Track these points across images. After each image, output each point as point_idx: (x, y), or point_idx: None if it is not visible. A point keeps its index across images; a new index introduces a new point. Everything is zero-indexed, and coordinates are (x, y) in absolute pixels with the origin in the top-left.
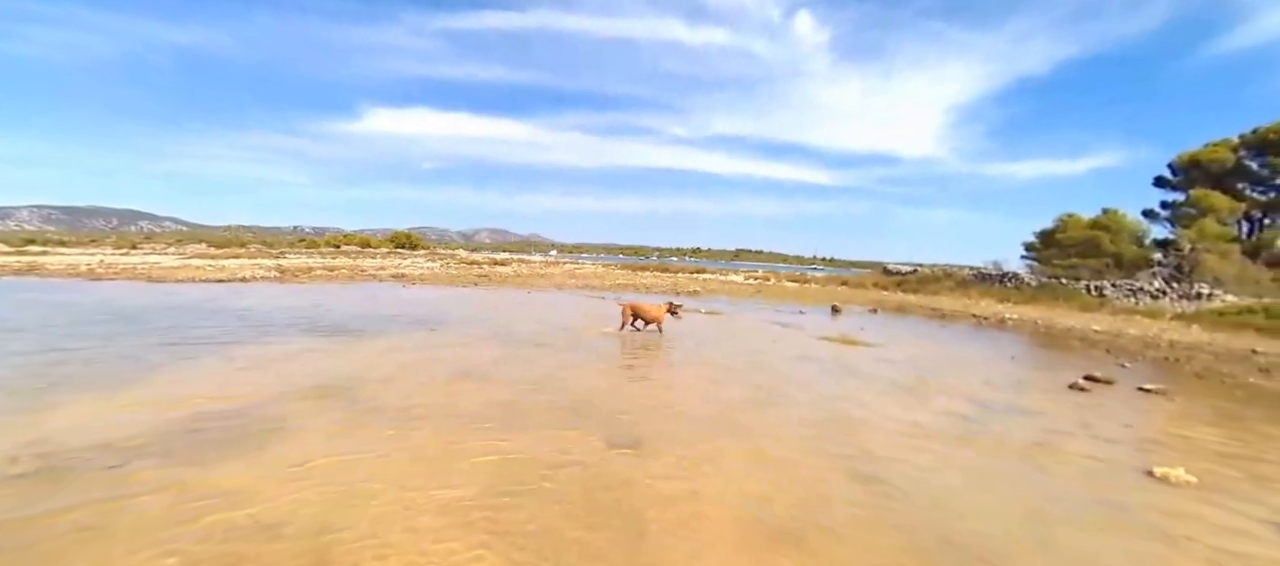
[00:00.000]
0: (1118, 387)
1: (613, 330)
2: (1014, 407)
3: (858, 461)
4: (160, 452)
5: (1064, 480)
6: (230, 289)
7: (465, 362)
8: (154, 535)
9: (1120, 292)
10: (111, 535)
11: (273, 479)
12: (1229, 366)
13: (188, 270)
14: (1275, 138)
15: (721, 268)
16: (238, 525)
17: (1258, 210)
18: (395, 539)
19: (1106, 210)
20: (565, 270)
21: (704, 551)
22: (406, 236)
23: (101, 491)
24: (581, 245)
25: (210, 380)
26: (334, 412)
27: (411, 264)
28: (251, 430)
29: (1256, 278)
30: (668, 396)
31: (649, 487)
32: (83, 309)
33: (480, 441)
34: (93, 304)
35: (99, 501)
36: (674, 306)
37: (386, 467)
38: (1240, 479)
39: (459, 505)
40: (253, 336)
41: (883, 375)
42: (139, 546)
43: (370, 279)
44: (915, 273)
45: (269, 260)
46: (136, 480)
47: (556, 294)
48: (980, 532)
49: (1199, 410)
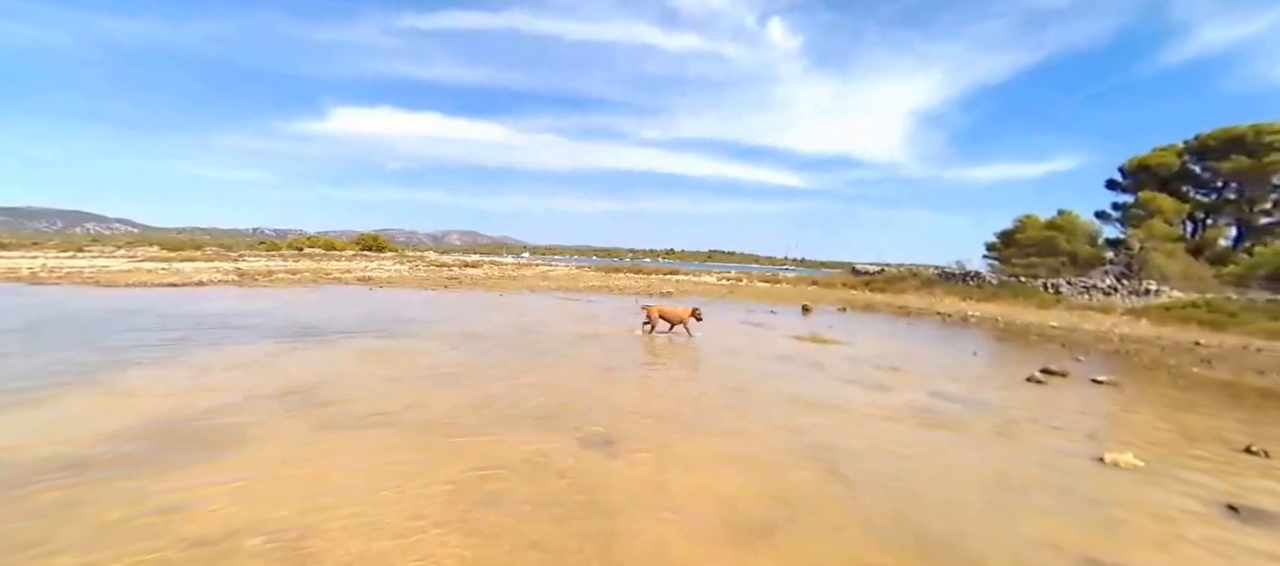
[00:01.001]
0: (1072, 380)
1: (639, 331)
2: (975, 400)
3: (826, 454)
4: (112, 463)
5: (1020, 468)
6: (186, 293)
7: (435, 366)
8: (106, 547)
9: (1075, 290)
10: (60, 550)
11: (232, 488)
12: (1175, 358)
13: (139, 274)
14: (1215, 144)
15: (695, 269)
16: (196, 535)
17: (1201, 211)
18: (363, 543)
19: (1062, 211)
20: (538, 272)
21: (676, 549)
22: (373, 238)
23: (49, 502)
24: (554, 247)
25: (165, 387)
26: (297, 419)
27: (378, 266)
28: (209, 438)
29: (1200, 275)
30: (641, 396)
31: (622, 487)
32: (23, 314)
33: (450, 444)
34: (35, 309)
35: (48, 513)
36: (697, 311)
37: (354, 473)
38: (1184, 462)
39: (429, 508)
40: (210, 342)
41: (851, 371)
42: (90, 559)
43: (335, 282)
44: (882, 272)
45: (227, 263)
46: (88, 491)
47: (529, 296)
48: (940, 518)
49: (1147, 399)
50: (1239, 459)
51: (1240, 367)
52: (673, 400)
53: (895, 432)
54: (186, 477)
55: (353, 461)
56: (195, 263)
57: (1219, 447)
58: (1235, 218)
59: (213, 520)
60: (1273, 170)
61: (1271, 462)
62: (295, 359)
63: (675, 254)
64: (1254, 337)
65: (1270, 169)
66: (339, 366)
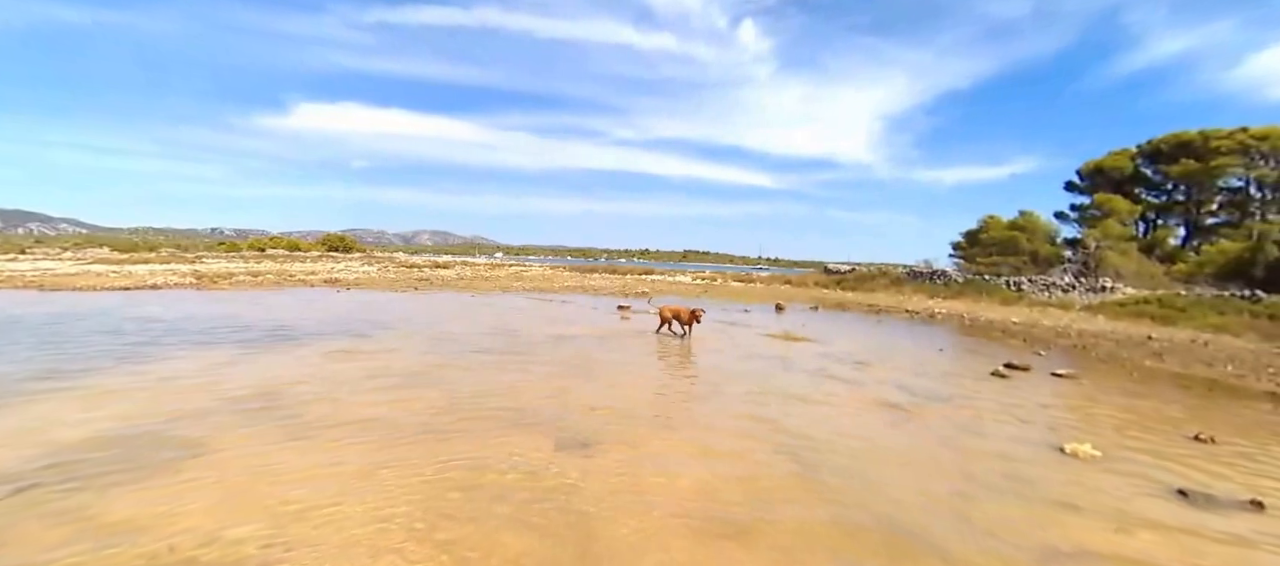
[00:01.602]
0: (1033, 373)
1: (651, 330)
2: (941, 394)
3: (798, 450)
4: (59, 479)
5: (984, 458)
6: (139, 297)
7: (405, 369)
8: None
9: (1036, 287)
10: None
11: (189, 502)
12: (1129, 352)
13: (88, 277)
14: (1166, 148)
15: (670, 269)
16: (148, 553)
17: (1152, 212)
18: (330, 555)
19: (1024, 212)
20: (511, 272)
21: (652, 547)
22: (340, 239)
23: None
24: (528, 247)
25: (116, 396)
26: (259, 427)
27: (345, 268)
28: (164, 451)
29: (1152, 272)
30: (616, 396)
31: (598, 487)
32: None
33: (422, 450)
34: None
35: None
36: (698, 313)
37: (319, 482)
38: (1138, 451)
39: (400, 516)
40: (166, 348)
41: (823, 368)
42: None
43: (300, 284)
44: (853, 271)
45: (184, 265)
46: (31, 511)
47: (503, 297)
48: (907, 508)
49: (1104, 392)
50: (1188, 446)
51: (1189, 360)
52: (647, 399)
53: (865, 427)
54: (138, 494)
55: (319, 470)
56: (149, 265)
57: (1170, 436)
58: (1184, 218)
59: (165, 539)
60: (1218, 173)
61: (1218, 449)
62: (258, 364)
63: (650, 254)
64: (1202, 331)
65: (1216, 172)
66: (304, 371)
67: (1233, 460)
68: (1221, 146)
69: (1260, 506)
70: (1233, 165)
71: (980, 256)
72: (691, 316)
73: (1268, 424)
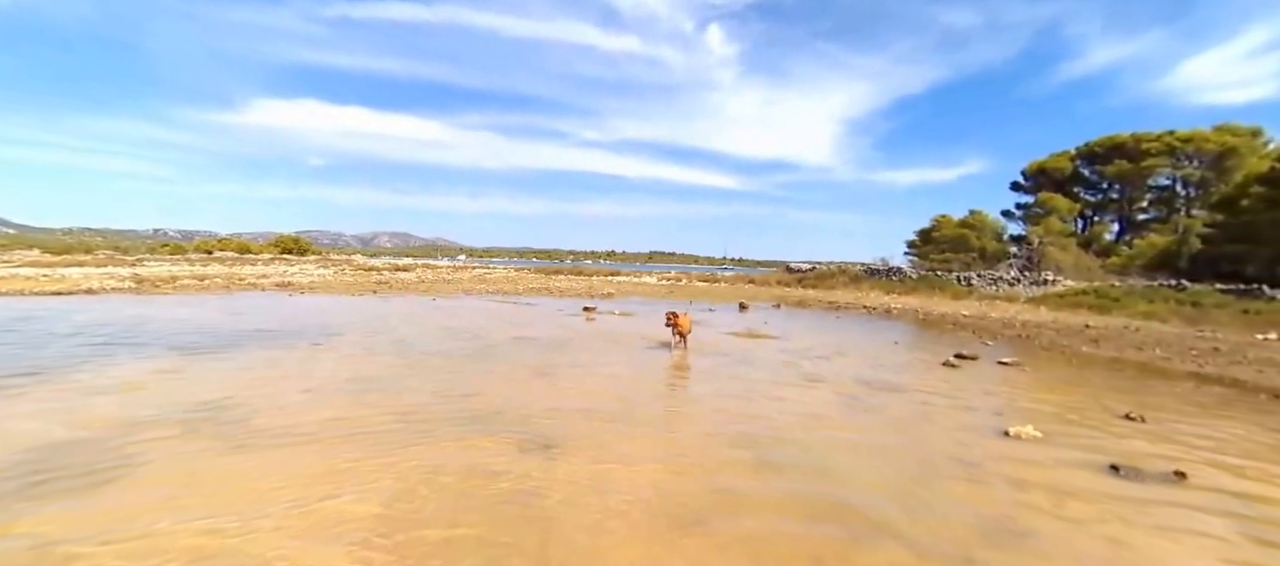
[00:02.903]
0: (981, 363)
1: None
2: (896, 384)
3: (759, 444)
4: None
5: (935, 444)
6: (73, 302)
7: (362, 375)
8: None
9: (984, 282)
10: None
11: (127, 521)
12: (1068, 339)
13: (16, 281)
14: (1101, 150)
15: (635, 270)
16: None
17: (1090, 209)
18: (283, 559)
19: (973, 211)
20: (474, 275)
21: (613, 545)
22: (294, 240)
23: None
24: (492, 249)
25: (46, 410)
26: (204, 439)
27: (300, 271)
28: (100, 467)
29: (1089, 265)
30: (579, 397)
31: (561, 489)
32: None
33: (380, 457)
34: None
35: None
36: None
37: (271, 493)
38: (1077, 431)
39: (357, 524)
40: (102, 356)
41: (783, 363)
42: None
43: (251, 288)
44: (814, 270)
45: (123, 268)
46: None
47: (466, 300)
48: (863, 492)
49: (1046, 377)
50: (1120, 425)
51: (1122, 345)
52: (610, 399)
53: (824, 418)
54: (63, 515)
55: (267, 484)
56: (84, 268)
57: (1104, 416)
58: (1118, 214)
59: (98, 548)
60: (1149, 173)
61: (1147, 426)
62: (203, 372)
63: (616, 255)
64: (1133, 319)
65: (1146, 172)
66: (253, 379)
67: (1160, 436)
68: (1151, 148)
69: (1183, 477)
70: (1161, 165)
71: (933, 254)
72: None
73: (1191, 402)
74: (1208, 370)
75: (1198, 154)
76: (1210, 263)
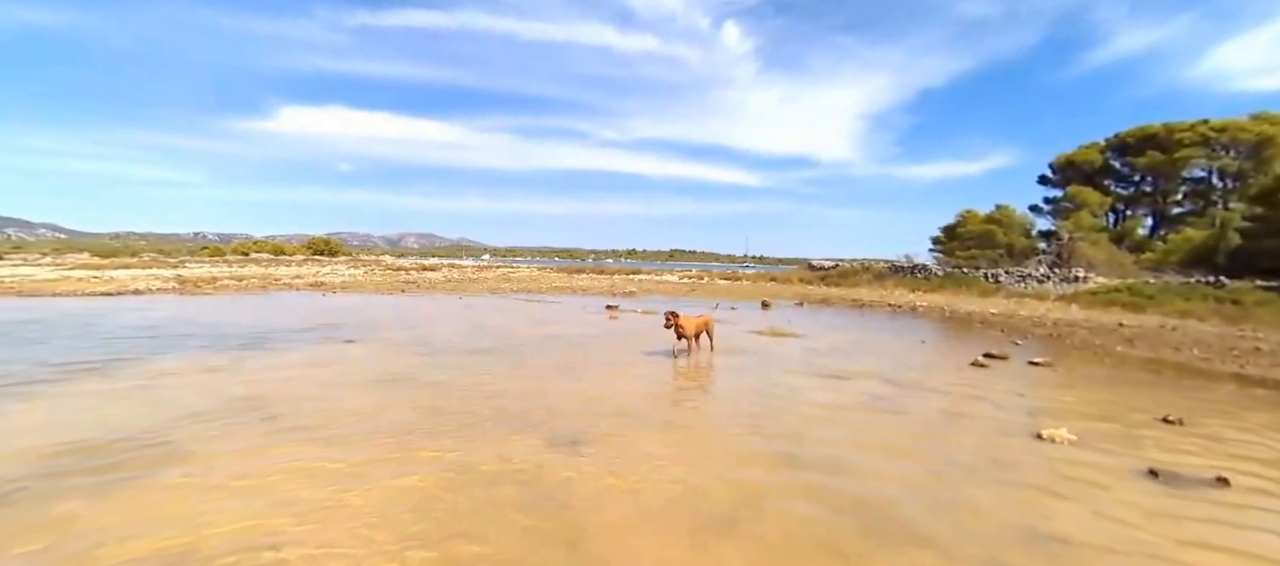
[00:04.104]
0: (1011, 362)
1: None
2: (923, 385)
3: (785, 443)
4: (37, 491)
5: (964, 446)
6: (121, 302)
7: (394, 372)
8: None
9: (1012, 279)
10: None
11: (172, 509)
12: (1101, 339)
13: (68, 282)
14: (1132, 141)
15: (656, 268)
16: (133, 559)
17: (1121, 203)
18: (322, 555)
19: (1000, 206)
20: (499, 274)
21: (642, 544)
22: (325, 242)
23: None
24: (515, 249)
25: (95, 403)
26: (245, 432)
27: (331, 271)
28: (146, 457)
29: (1121, 262)
30: (605, 396)
31: (588, 485)
32: None
33: (413, 452)
34: None
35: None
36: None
37: (309, 485)
38: (1112, 433)
39: (390, 516)
40: (147, 353)
41: (808, 362)
42: None
43: (286, 288)
44: (837, 267)
45: (167, 270)
46: (7, 522)
47: (491, 298)
48: (890, 496)
49: (1078, 378)
50: (1158, 428)
51: (1158, 345)
52: (637, 397)
53: (849, 419)
54: (121, 499)
55: (308, 472)
56: (131, 270)
57: (1141, 418)
58: (1151, 208)
59: (150, 543)
60: (1182, 165)
61: (1186, 430)
62: (242, 369)
63: (637, 254)
64: (1169, 317)
65: (1180, 163)
66: (291, 375)
67: (1200, 440)
68: (1184, 139)
69: (1226, 483)
70: (1196, 156)
71: (959, 250)
72: (686, 326)
73: (1233, 404)
74: (1250, 371)
75: (1234, 144)
76: (1250, 258)
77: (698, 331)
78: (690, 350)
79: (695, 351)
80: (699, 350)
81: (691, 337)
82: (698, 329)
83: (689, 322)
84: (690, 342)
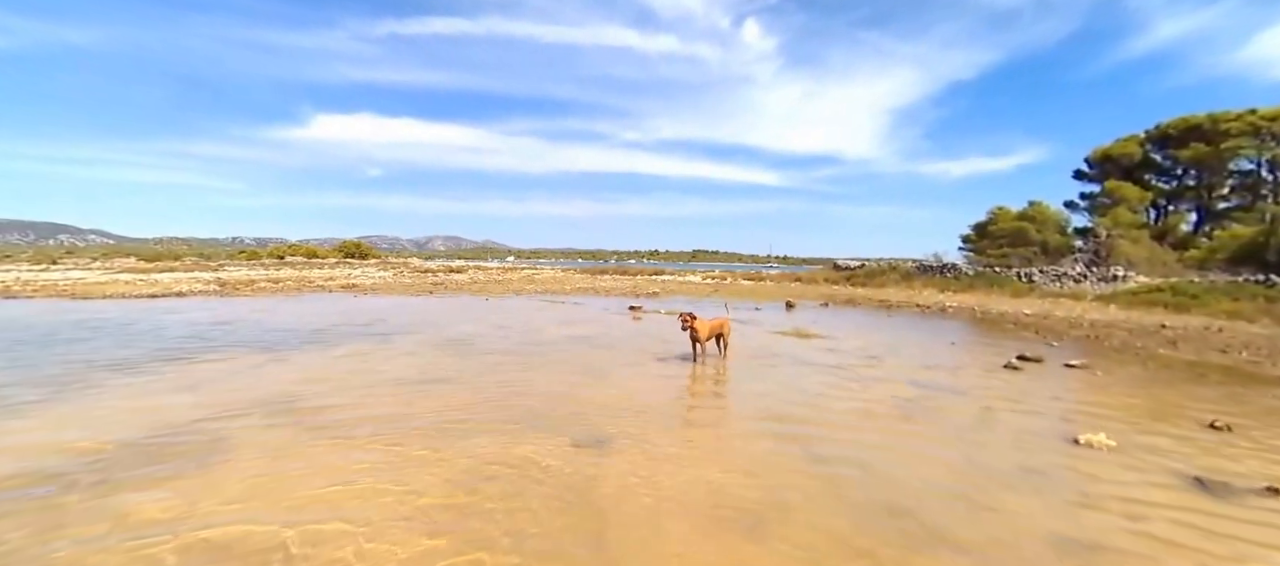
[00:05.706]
0: (1047, 365)
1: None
2: (953, 388)
3: (812, 444)
4: (91, 481)
5: (997, 451)
6: (165, 304)
7: (425, 371)
8: (88, 559)
9: (1047, 278)
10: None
11: (217, 500)
12: (1142, 340)
13: (116, 285)
14: (1174, 133)
15: (679, 269)
16: (181, 548)
17: (1163, 198)
18: (354, 548)
19: (1032, 202)
20: (524, 276)
21: (667, 543)
22: (356, 245)
23: (28, 525)
24: (538, 250)
25: (145, 399)
26: (282, 428)
27: (362, 273)
28: (192, 450)
29: (1164, 259)
30: (631, 395)
31: (614, 484)
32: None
33: (442, 449)
34: (9, 323)
35: (24, 535)
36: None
37: (342, 480)
38: (1155, 440)
39: (420, 512)
40: (191, 352)
41: (834, 364)
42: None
43: (319, 290)
44: (863, 267)
45: (207, 273)
46: (66, 511)
47: (516, 299)
48: (920, 500)
49: (1117, 381)
50: (1204, 434)
51: (1203, 347)
52: (661, 397)
53: (877, 422)
54: (172, 489)
55: (343, 467)
56: (174, 273)
57: (1186, 424)
58: (1195, 203)
59: (198, 528)
60: (1229, 157)
61: (1234, 437)
62: (280, 367)
63: (660, 255)
64: (1216, 318)
65: (1227, 155)
66: (326, 373)
67: (1250, 447)
68: (1231, 129)
69: (1278, 493)
70: (1244, 147)
71: (990, 249)
72: (705, 329)
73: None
74: None
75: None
76: None
77: (711, 334)
78: (705, 352)
79: (712, 354)
80: (716, 353)
81: (705, 341)
82: (712, 331)
83: (703, 326)
84: (704, 345)
